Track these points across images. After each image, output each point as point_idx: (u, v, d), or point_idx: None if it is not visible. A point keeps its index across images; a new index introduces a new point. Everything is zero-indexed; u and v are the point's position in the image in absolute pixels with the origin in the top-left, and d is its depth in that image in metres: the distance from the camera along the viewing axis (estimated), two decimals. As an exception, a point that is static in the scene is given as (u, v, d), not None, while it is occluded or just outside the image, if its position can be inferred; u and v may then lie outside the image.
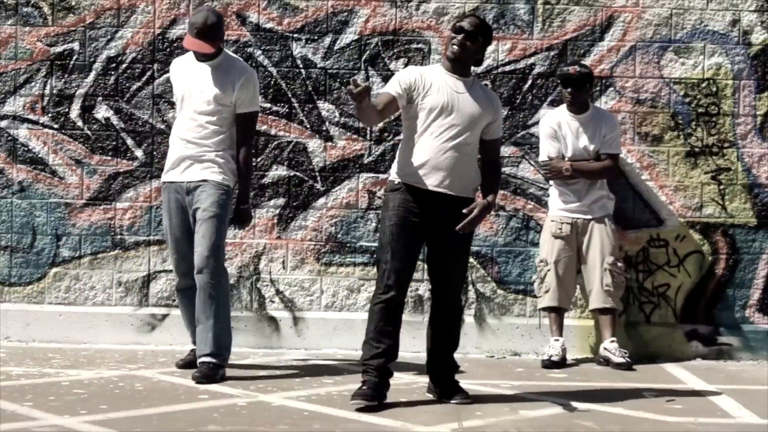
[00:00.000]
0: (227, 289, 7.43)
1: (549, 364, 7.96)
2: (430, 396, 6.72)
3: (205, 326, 7.18)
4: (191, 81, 7.38)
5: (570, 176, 8.11)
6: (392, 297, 6.43)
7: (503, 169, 8.54)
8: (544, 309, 8.25)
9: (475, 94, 6.55)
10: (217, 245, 7.21)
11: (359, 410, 6.27)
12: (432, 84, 6.51)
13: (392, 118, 7.72)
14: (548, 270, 8.18)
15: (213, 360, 7.15)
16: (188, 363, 7.50)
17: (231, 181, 7.35)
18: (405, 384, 7.05)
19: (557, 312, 8.18)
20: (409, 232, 6.45)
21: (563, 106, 8.26)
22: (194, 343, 7.47)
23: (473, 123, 6.51)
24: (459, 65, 6.58)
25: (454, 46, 6.52)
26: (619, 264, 8.18)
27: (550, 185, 8.32)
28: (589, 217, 8.17)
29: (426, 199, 6.45)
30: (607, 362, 8.02)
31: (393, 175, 6.58)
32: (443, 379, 6.68)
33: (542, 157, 8.28)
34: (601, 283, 8.10)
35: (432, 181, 6.44)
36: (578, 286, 8.36)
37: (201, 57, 7.35)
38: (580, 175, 8.13)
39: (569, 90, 8.12)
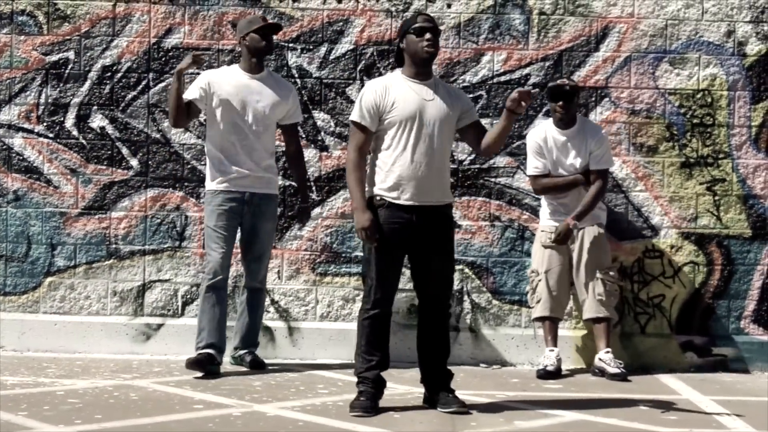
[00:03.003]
0: None
1: (544, 375, 7.95)
2: (426, 406, 6.71)
3: (254, 323, 8.04)
4: (245, 93, 7.78)
5: (571, 230, 8.05)
6: (380, 312, 6.54)
7: (499, 179, 8.57)
8: (537, 319, 8.26)
9: (441, 96, 6.52)
10: (269, 256, 8.11)
11: (356, 416, 6.35)
12: (396, 97, 6.46)
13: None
14: (539, 280, 8.18)
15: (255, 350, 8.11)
16: (198, 361, 7.58)
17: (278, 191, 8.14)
18: (400, 394, 7.04)
19: (551, 322, 8.17)
20: (395, 247, 6.48)
21: (549, 121, 8.22)
22: (207, 343, 7.68)
23: (444, 126, 6.48)
24: (427, 68, 6.54)
25: (429, 47, 6.46)
26: (612, 273, 8.17)
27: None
28: (580, 226, 8.14)
29: (408, 212, 6.44)
30: (602, 373, 8.01)
31: (373, 190, 6.52)
32: (440, 388, 6.66)
33: (529, 171, 8.24)
34: (593, 292, 8.09)
35: (413, 197, 6.44)
36: (573, 296, 8.35)
37: (257, 68, 7.87)
38: (584, 215, 8.08)
39: (560, 104, 8.04)
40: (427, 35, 6.46)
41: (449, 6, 8.61)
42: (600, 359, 8.04)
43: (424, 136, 6.43)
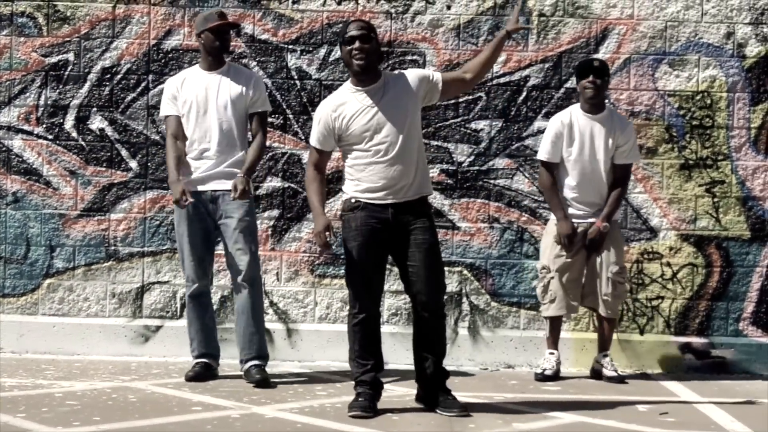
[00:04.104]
0: (263, 296, 7.86)
1: (542, 379, 7.90)
2: (421, 406, 6.68)
3: (251, 332, 7.51)
4: (206, 91, 7.53)
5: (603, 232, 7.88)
6: (368, 316, 6.55)
7: (498, 181, 8.56)
8: (547, 318, 8.06)
9: (393, 92, 6.46)
10: (256, 254, 7.57)
11: (354, 417, 6.36)
12: (347, 115, 6.46)
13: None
14: (551, 278, 7.93)
15: (263, 363, 7.53)
16: (197, 375, 7.51)
17: (251, 188, 7.57)
18: (398, 396, 7.04)
19: (558, 322, 8.03)
20: (376, 249, 6.49)
21: (577, 106, 7.96)
22: (199, 353, 7.62)
23: (404, 120, 6.44)
24: (368, 74, 6.47)
25: (357, 58, 6.39)
26: (623, 274, 7.96)
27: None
28: (594, 220, 7.90)
29: (385, 211, 6.45)
30: (599, 375, 7.99)
31: (348, 193, 6.54)
32: (436, 388, 6.63)
33: (540, 155, 7.96)
34: (600, 291, 7.86)
35: (390, 196, 6.46)
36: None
37: (215, 65, 7.57)
38: (612, 216, 7.89)
39: (590, 78, 7.77)
40: (356, 44, 6.38)
41: (449, 8, 8.61)
42: (597, 362, 8.02)
43: (386, 141, 6.42)
